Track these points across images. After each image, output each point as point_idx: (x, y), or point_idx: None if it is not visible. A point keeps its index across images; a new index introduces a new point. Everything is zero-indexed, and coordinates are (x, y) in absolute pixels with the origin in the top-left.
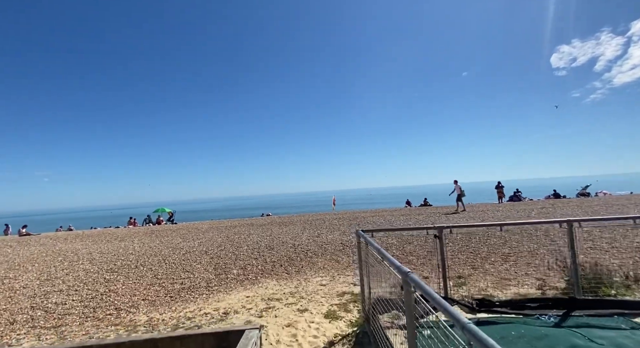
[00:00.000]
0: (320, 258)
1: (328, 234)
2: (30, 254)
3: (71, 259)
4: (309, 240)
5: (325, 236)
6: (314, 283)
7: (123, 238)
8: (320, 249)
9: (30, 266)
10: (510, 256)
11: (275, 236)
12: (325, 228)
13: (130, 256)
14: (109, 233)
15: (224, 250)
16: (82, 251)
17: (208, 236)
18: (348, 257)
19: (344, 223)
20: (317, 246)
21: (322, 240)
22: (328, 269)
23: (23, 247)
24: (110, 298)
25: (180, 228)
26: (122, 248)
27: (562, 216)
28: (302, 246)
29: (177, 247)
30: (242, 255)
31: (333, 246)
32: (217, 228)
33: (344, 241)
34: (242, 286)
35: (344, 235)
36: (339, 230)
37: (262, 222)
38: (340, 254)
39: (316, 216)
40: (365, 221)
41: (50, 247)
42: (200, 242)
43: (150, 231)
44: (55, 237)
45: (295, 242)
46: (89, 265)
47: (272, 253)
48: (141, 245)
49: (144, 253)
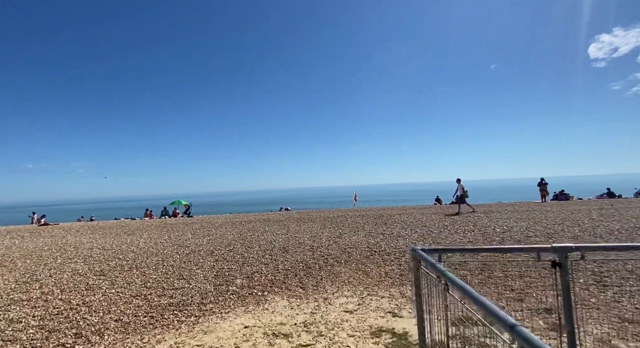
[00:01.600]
0: (344, 266)
1: (351, 234)
2: (33, 247)
3: (67, 256)
4: (329, 241)
5: (349, 237)
6: (337, 307)
7: (133, 231)
8: (344, 254)
9: (21, 262)
10: None
11: (292, 234)
12: (347, 227)
13: (129, 255)
14: (122, 225)
15: (233, 251)
16: (84, 246)
17: (220, 232)
18: (379, 268)
19: (369, 221)
20: (340, 250)
21: (345, 242)
22: (354, 284)
23: (32, 239)
24: (79, 315)
25: (194, 222)
26: (126, 244)
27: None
28: (321, 250)
29: (184, 244)
30: (251, 258)
31: (358, 251)
32: (232, 223)
33: (371, 244)
34: (243, 305)
35: (371, 236)
36: (364, 229)
37: (279, 218)
38: (367, 262)
39: (337, 213)
40: (392, 220)
41: (58, 239)
42: (209, 239)
43: (164, 224)
44: (69, 228)
45: (314, 243)
46: (81, 264)
47: (287, 256)
48: (147, 241)
49: (145, 252)
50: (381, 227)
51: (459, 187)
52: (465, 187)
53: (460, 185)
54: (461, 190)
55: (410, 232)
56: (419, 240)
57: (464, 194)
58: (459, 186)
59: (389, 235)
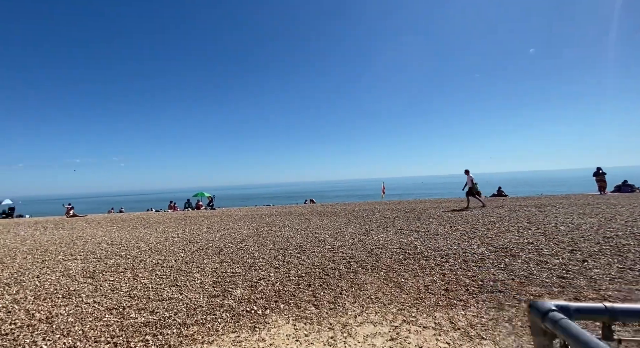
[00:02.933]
0: (371, 274)
1: (380, 231)
2: (46, 240)
3: (71, 251)
4: (353, 240)
5: (376, 235)
6: (360, 342)
7: (151, 224)
8: (370, 257)
9: (21, 258)
10: None
11: (312, 230)
12: (375, 223)
13: (132, 252)
14: (144, 217)
15: (243, 249)
16: (94, 240)
17: (236, 226)
18: (415, 278)
19: (399, 216)
20: (366, 252)
21: (372, 241)
22: (384, 302)
23: (52, 231)
24: (31, 337)
25: (214, 215)
26: (136, 239)
27: None
28: (343, 250)
29: (194, 240)
30: (261, 259)
31: (388, 254)
32: (252, 217)
33: (404, 245)
34: (235, 330)
35: (402, 235)
36: (394, 225)
37: (301, 211)
38: (401, 270)
39: (363, 206)
40: (427, 215)
41: (75, 232)
42: (223, 234)
43: (184, 217)
44: (93, 220)
45: (336, 242)
46: (79, 262)
47: (302, 258)
48: (158, 236)
49: (150, 249)
50: (414, 223)
51: (467, 179)
52: (475, 179)
53: (469, 177)
54: (470, 183)
55: (449, 229)
56: (463, 240)
57: (473, 187)
58: (467, 179)
59: (425, 233)
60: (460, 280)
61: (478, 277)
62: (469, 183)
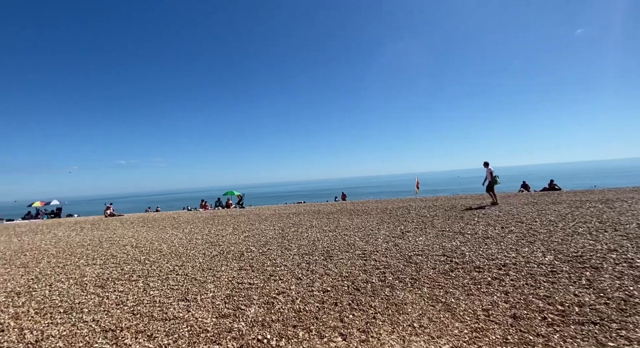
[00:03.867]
0: (411, 290)
1: (418, 233)
2: (77, 242)
3: (95, 254)
4: (388, 244)
5: (414, 238)
6: None
7: (180, 224)
8: (409, 266)
9: (45, 262)
10: None
11: (341, 231)
12: (411, 223)
13: (152, 256)
14: (175, 217)
15: (265, 254)
16: (121, 242)
17: (262, 227)
18: (469, 297)
19: (438, 214)
20: (403, 259)
21: (409, 246)
22: (431, 334)
23: (87, 231)
24: None
25: (242, 214)
26: (160, 241)
27: None
28: (377, 257)
29: (217, 242)
30: (283, 267)
31: (431, 262)
32: (279, 216)
33: (448, 250)
34: None
35: (445, 237)
36: (433, 226)
37: (330, 209)
38: (449, 285)
39: (397, 203)
40: (471, 214)
41: (107, 232)
42: (247, 236)
43: (213, 216)
44: (127, 220)
45: (367, 246)
46: (97, 267)
47: (328, 267)
48: (183, 237)
49: (171, 252)
50: (457, 223)
51: (487, 173)
52: (495, 172)
53: (489, 170)
54: (489, 176)
55: (501, 231)
56: (521, 245)
57: (493, 180)
58: (487, 172)
59: (472, 236)
60: (531, 302)
61: (555, 299)
62: (489, 177)
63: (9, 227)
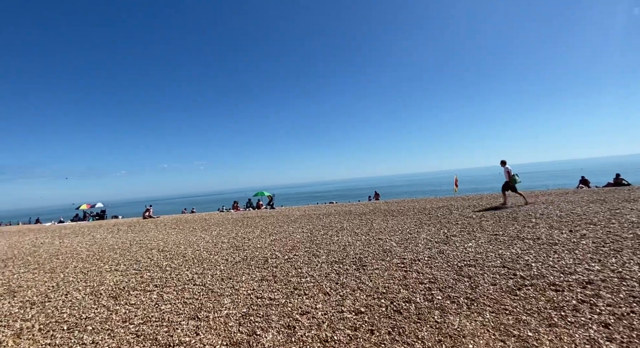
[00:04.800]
0: (468, 316)
1: (465, 238)
2: (109, 244)
3: (120, 259)
4: (431, 250)
5: (462, 244)
6: None
7: (210, 226)
8: (462, 281)
9: (74, 266)
10: None
11: (375, 235)
12: (455, 225)
13: (174, 262)
14: (206, 218)
15: (291, 260)
16: (150, 245)
17: (290, 229)
18: (551, 329)
19: (486, 215)
20: (453, 272)
21: (457, 254)
22: None
23: (121, 233)
24: None
25: (272, 215)
26: (187, 244)
27: None
28: (419, 267)
29: (242, 246)
30: (309, 278)
31: (489, 276)
32: (309, 217)
33: (507, 260)
34: None
35: (500, 243)
36: (483, 229)
37: (362, 209)
38: (520, 309)
39: (436, 203)
40: (525, 214)
41: (140, 235)
42: (274, 239)
43: (242, 217)
44: (160, 222)
45: (406, 253)
46: (118, 274)
47: (362, 279)
48: (210, 241)
49: (195, 257)
50: (511, 225)
51: (504, 172)
52: (513, 171)
53: (506, 168)
54: (507, 175)
55: (570, 235)
56: (604, 254)
57: (511, 179)
58: (504, 171)
59: (535, 241)
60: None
61: None
62: (506, 176)
63: (58, 229)
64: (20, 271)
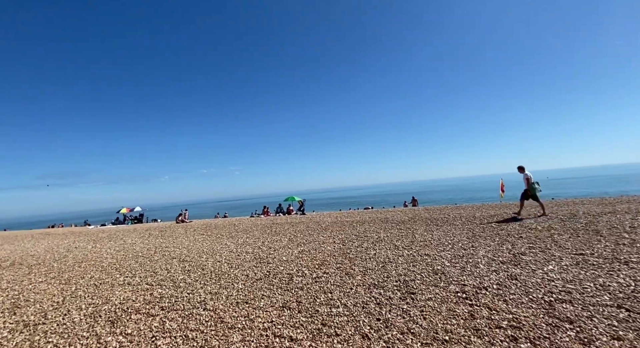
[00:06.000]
0: None
1: (539, 257)
2: (135, 251)
3: (138, 271)
4: (499, 275)
5: (538, 266)
6: None
7: (237, 232)
8: (561, 328)
9: (90, 276)
10: None
11: (419, 249)
12: (520, 238)
13: (192, 275)
14: (235, 224)
15: (319, 280)
16: (172, 253)
17: (321, 238)
18: None
19: (557, 226)
20: (541, 309)
21: (539, 281)
22: None
23: (151, 238)
24: None
25: (302, 222)
26: (209, 254)
27: None
28: (489, 300)
29: (267, 259)
30: (340, 310)
31: (602, 321)
32: (341, 224)
33: (617, 295)
34: None
35: (594, 267)
36: (559, 245)
37: (400, 217)
38: None
39: (485, 210)
40: (610, 226)
41: (167, 241)
42: (302, 250)
43: (272, 223)
44: (191, 227)
45: (466, 277)
46: (129, 289)
47: (413, 317)
48: (235, 249)
49: (213, 271)
50: (597, 241)
51: (524, 179)
52: (533, 178)
53: (525, 175)
54: (526, 183)
55: None
56: None
57: (529, 188)
58: (524, 178)
59: None
60: None
61: None
62: (525, 184)
63: (97, 232)
64: (38, 280)
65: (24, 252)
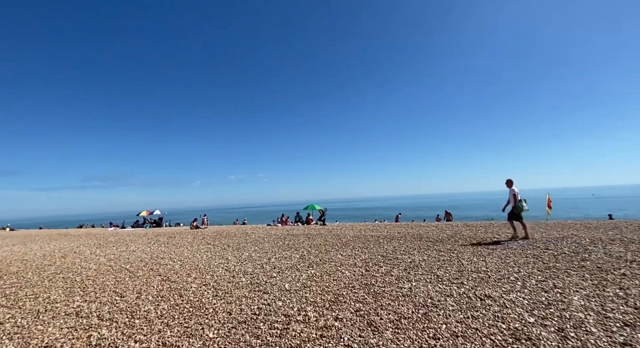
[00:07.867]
0: None
1: None
2: (133, 259)
3: (116, 286)
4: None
5: None
6: None
7: (246, 245)
8: None
9: (59, 289)
10: None
11: (474, 284)
12: (610, 273)
13: (161, 306)
14: (248, 233)
15: (329, 334)
16: (165, 268)
17: (340, 257)
18: None
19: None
20: None
21: None
22: None
23: (156, 246)
24: None
25: (320, 234)
26: (203, 272)
27: None
28: None
29: (266, 286)
30: None
31: None
32: (365, 239)
33: None
34: None
35: None
36: None
37: (436, 234)
38: None
39: (544, 230)
40: None
41: (169, 250)
42: (313, 274)
43: (288, 234)
44: (201, 234)
45: (567, 342)
46: (76, 319)
47: None
48: (234, 267)
49: (194, 301)
50: None
51: (509, 195)
52: (520, 194)
53: (512, 191)
54: (512, 200)
55: None
56: None
57: (516, 206)
58: (509, 195)
59: None
60: None
61: None
62: (511, 201)
63: (109, 235)
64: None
65: (22, 256)
